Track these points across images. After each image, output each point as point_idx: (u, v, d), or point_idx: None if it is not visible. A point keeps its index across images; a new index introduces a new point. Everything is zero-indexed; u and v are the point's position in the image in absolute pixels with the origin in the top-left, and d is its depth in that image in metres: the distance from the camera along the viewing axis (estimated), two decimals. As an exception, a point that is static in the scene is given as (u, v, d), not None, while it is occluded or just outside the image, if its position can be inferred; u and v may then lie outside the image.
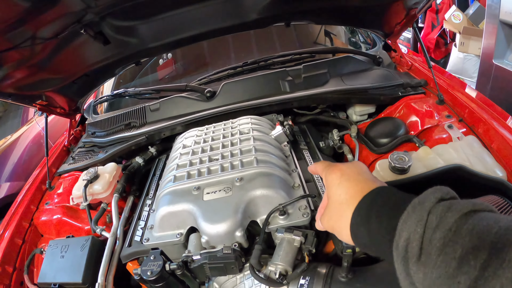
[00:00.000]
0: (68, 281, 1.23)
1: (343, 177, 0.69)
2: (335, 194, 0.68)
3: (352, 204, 0.63)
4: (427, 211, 0.49)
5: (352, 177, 0.68)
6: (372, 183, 0.65)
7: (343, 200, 0.66)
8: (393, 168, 1.24)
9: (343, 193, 0.66)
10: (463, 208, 0.47)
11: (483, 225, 0.43)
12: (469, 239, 0.42)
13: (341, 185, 0.68)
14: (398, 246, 0.50)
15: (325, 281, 0.90)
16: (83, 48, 1.56)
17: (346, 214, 0.63)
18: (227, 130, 1.36)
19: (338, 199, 0.67)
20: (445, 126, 1.42)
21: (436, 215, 0.47)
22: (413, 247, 0.47)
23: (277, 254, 0.94)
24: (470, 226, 0.44)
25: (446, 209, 0.47)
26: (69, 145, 1.96)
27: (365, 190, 0.63)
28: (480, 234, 0.42)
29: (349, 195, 0.65)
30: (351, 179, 0.68)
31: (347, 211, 0.63)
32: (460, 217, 0.46)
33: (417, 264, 0.47)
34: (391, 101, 1.61)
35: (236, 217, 0.98)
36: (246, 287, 0.99)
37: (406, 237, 0.49)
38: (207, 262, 0.95)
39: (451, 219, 0.46)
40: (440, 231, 0.45)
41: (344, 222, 0.64)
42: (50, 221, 1.56)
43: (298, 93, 1.56)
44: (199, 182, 1.10)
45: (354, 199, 0.63)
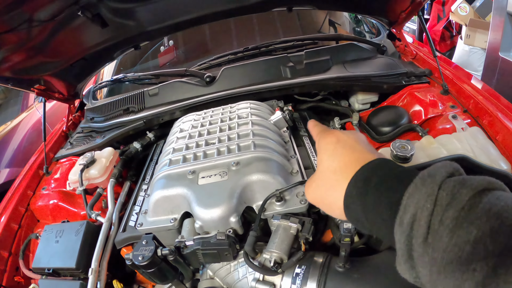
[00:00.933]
0: (62, 266, 1.20)
1: (339, 144, 0.61)
2: (327, 161, 0.61)
3: (347, 173, 0.56)
4: (437, 185, 0.42)
5: (349, 144, 0.61)
6: (370, 154, 0.58)
7: (337, 168, 0.58)
8: (395, 156, 1.19)
9: (336, 161, 0.59)
10: (478, 185, 0.40)
11: (500, 205, 0.37)
12: (486, 220, 0.36)
13: (336, 152, 0.60)
14: (402, 222, 0.43)
15: (322, 270, 0.86)
16: (80, 31, 1.52)
17: (340, 184, 0.56)
18: (225, 114, 1.32)
19: (331, 167, 0.59)
20: (449, 116, 1.37)
21: (447, 191, 0.41)
22: (420, 225, 0.41)
23: (272, 242, 0.90)
24: (487, 206, 0.38)
25: (459, 185, 0.41)
26: (67, 130, 1.93)
27: (363, 161, 0.56)
28: (499, 216, 0.36)
29: (344, 164, 0.58)
30: (347, 147, 0.60)
31: (341, 181, 0.56)
32: (474, 195, 0.39)
33: (423, 245, 0.40)
34: (394, 89, 1.56)
35: (231, 202, 0.94)
36: (240, 274, 0.95)
37: (412, 213, 0.42)
38: (200, 248, 0.91)
39: (465, 196, 0.39)
40: (454, 209, 0.39)
41: (337, 193, 0.56)
42: (46, 206, 1.54)
43: (299, 79, 1.51)
44: (195, 166, 1.06)
45: (350, 168, 0.56)
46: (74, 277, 1.23)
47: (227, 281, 0.99)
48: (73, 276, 1.24)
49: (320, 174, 0.62)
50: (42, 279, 1.26)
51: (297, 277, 0.86)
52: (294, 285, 0.86)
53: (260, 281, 0.88)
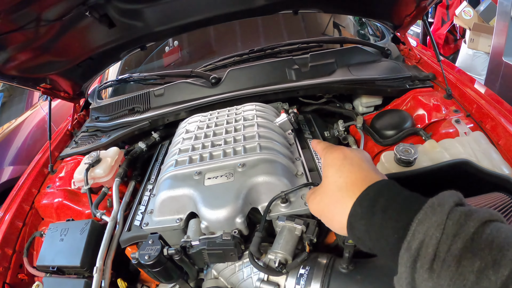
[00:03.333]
0: (67, 264, 1.22)
1: (346, 161, 0.63)
2: (333, 176, 0.62)
3: (353, 192, 0.57)
4: (446, 214, 0.44)
5: (355, 162, 0.62)
6: (375, 174, 0.59)
7: (342, 185, 0.59)
8: (399, 160, 1.20)
9: (343, 177, 0.60)
10: (482, 217, 0.43)
11: (502, 237, 0.40)
12: (488, 252, 0.39)
13: (343, 168, 0.61)
14: (410, 248, 0.44)
15: (325, 271, 0.87)
16: (88, 31, 1.53)
17: (345, 202, 0.57)
18: (231, 116, 1.33)
19: (337, 182, 0.60)
20: (452, 120, 1.39)
21: (454, 221, 0.43)
22: (427, 253, 0.42)
23: (277, 243, 0.91)
24: (490, 238, 0.40)
25: (465, 216, 0.43)
26: (72, 129, 1.94)
27: (369, 180, 0.57)
28: (501, 248, 0.39)
29: (351, 181, 0.59)
30: (355, 164, 0.62)
31: (346, 199, 0.57)
32: (479, 226, 0.42)
33: (429, 272, 0.42)
34: (398, 93, 1.57)
35: (237, 203, 0.96)
36: (244, 275, 0.97)
37: (421, 240, 0.44)
38: (205, 248, 0.93)
39: (471, 228, 0.42)
40: (462, 240, 0.41)
41: (340, 209, 0.57)
42: (51, 205, 1.55)
43: (304, 81, 1.53)
44: (201, 167, 1.07)
45: (357, 187, 0.57)
46: (78, 276, 1.24)
47: (231, 281, 1.00)
48: (78, 275, 1.25)
49: (325, 188, 0.63)
50: (46, 277, 1.27)
51: (301, 278, 0.87)
52: (298, 285, 0.87)
53: (264, 281, 0.90)
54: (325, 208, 0.62)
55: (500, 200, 0.96)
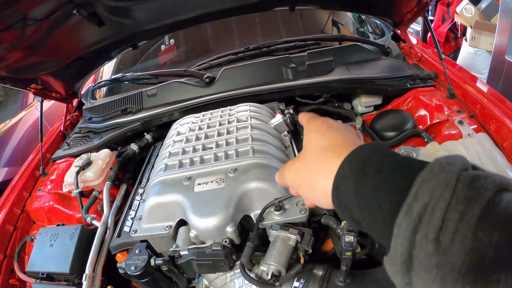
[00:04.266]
0: (56, 271, 1.17)
1: (331, 127, 0.55)
2: (317, 140, 0.53)
3: (340, 152, 0.47)
4: (456, 174, 0.35)
5: (342, 130, 0.54)
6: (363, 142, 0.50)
7: (328, 146, 0.51)
8: (400, 163, 1.14)
9: (329, 141, 0.51)
10: (499, 182, 0.34)
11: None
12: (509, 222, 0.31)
13: (327, 134, 0.53)
14: (411, 212, 0.35)
15: (321, 285, 0.82)
16: (76, 30, 1.47)
17: (330, 163, 0.47)
18: (224, 117, 1.27)
19: (322, 145, 0.51)
20: (455, 121, 1.32)
21: (465, 184, 0.34)
22: (433, 219, 0.33)
23: (270, 253, 0.86)
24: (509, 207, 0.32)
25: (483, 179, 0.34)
26: (65, 130, 1.88)
27: (357, 144, 0.48)
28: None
29: (337, 144, 0.50)
30: (341, 131, 0.53)
31: (332, 159, 0.48)
32: (495, 192, 0.33)
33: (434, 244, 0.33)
34: (399, 92, 1.50)
35: (228, 211, 0.90)
36: (236, 286, 0.91)
37: (425, 202, 0.34)
38: (194, 259, 0.87)
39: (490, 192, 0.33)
40: (479, 206, 0.32)
41: (324, 173, 0.48)
42: (42, 208, 1.50)
43: (301, 80, 1.46)
44: (191, 172, 1.01)
45: (344, 147, 0.48)
46: (68, 282, 1.20)
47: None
48: (67, 281, 1.21)
49: (307, 153, 0.54)
50: (36, 283, 1.23)
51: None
52: (293, 300, 0.81)
53: (257, 295, 0.84)
54: (307, 173, 0.52)
55: None
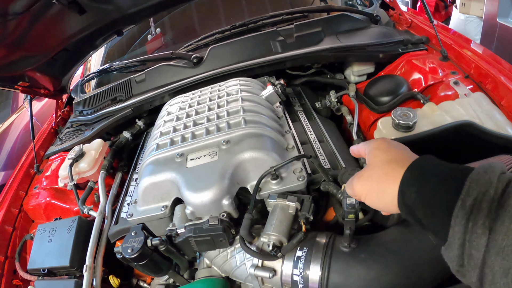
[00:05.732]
0: (56, 265, 1.13)
1: (391, 144, 0.64)
2: (381, 155, 0.62)
3: (403, 163, 0.57)
4: (496, 176, 0.45)
5: (400, 146, 0.64)
6: None
7: (392, 159, 0.59)
8: (397, 125, 1.09)
9: (391, 155, 0.60)
10: None
11: None
12: None
13: (389, 149, 0.62)
14: (465, 205, 0.44)
15: (325, 252, 0.77)
16: (58, 20, 1.41)
17: (395, 172, 0.56)
18: (214, 93, 1.21)
19: (386, 158, 0.60)
20: (451, 82, 1.27)
21: (503, 183, 0.44)
22: (482, 209, 0.43)
23: (269, 224, 0.81)
24: None
25: None
26: (56, 126, 1.83)
27: (415, 156, 0.58)
28: None
29: (399, 157, 0.59)
30: (399, 147, 0.63)
31: (396, 169, 0.56)
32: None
33: (482, 227, 0.42)
34: (390, 58, 1.45)
35: (223, 184, 0.85)
36: (237, 261, 0.87)
37: (475, 197, 0.44)
38: (192, 236, 0.82)
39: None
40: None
41: (390, 180, 0.56)
42: (39, 205, 1.46)
43: (290, 52, 1.40)
44: (183, 149, 0.96)
45: (406, 159, 0.57)
46: (70, 276, 1.16)
47: (224, 269, 0.91)
48: (69, 275, 1.17)
49: (373, 165, 0.62)
50: (38, 280, 1.19)
51: (299, 261, 0.77)
52: (296, 269, 0.77)
53: (259, 267, 0.79)
54: (376, 181, 0.60)
55: (510, 162, 0.85)
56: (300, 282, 0.76)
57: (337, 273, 0.74)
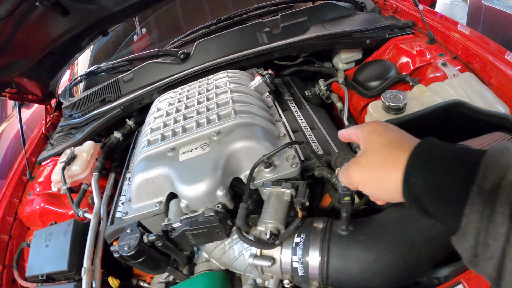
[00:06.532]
0: (54, 270, 1.10)
1: (387, 127, 0.57)
2: (377, 139, 0.56)
3: (402, 147, 0.51)
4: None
5: (396, 129, 0.57)
6: None
7: (390, 143, 0.53)
8: (388, 107, 1.08)
9: (388, 138, 0.55)
10: None
11: None
12: None
13: (386, 132, 0.56)
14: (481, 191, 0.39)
15: (323, 236, 0.75)
16: (43, 23, 1.38)
17: (397, 157, 0.50)
18: (203, 87, 1.19)
19: (384, 143, 0.54)
20: (439, 64, 1.27)
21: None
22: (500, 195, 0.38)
23: (265, 212, 0.79)
24: None
25: None
26: (47, 132, 1.80)
27: (415, 140, 0.52)
28: None
29: (397, 139, 0.54)
30: (396, 130, 0.57)
31: (398, 153, 0.50)
32: None
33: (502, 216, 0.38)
34: (378, 43, 1.44)
35: (216, 175, 0.83)
36: (236, 252, 0.85)
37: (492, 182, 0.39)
38: (188, 229, 0.80)
39: None
40: None
41: (392, 165, 0.51)
42: (34, 212, 1.43)
43: (277, 42, 1.39)
44: (174, 143, 0.94)
45: (406, 142, 0.52)
46: (69, 280, 1.14)
47: (223, 261, 0.89)
48: (68, 279, 1.14)
49: (369, 150, 0.56)
50: (38, 287, 1.16)
51: (297, 247, 0.76)
52: (295, 256, 0.75)
53: (257, 256, 0.77)
54: (375, 168, 0.54)
55: (503, 140, 0.84)
56: (300, 268, 0.74)
57: (336, 257, 0.72)
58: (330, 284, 0.73)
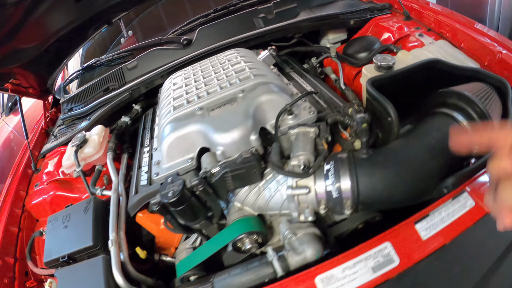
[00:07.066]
0: (77, 248, 1.08)
1: None
2: None
3: None
4: None
5: None
6: None
7: None
8: (379, 67, 1.22)
9: None
10: None
11: None
12: None
13: None
14: None
15: (349, 161, 0.86)
16: (54, 9, 1.39)
17: None
18: (214, 62, 1.29)
19: None
20: (416, 35, 1.45)
21: None
22: None
23: (296, 147, 0.89)
24: None
25: None
26: (46, 127, 1.80)
27: None
28: None
29: None
30: None
31: None
32: None
33: None
34: (360, 23, 1.61)
35: (248, 123, 0.93)
36: (271, 190, 0.92)
37: None
38: (228, 171, 0.87)
39: None
40: None
41: None
42: (44, 201, 1.42)
43: (273, 26, 1.52)
44: (201, 103, 1.03)
45: None
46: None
47: (258, 205, 0.95)
48: (91, 257, 1.09)
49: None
50: (59, 270, 1.09)
51: (328, 173, 0.85)
52: (328, 180, 0.85)
53: (294, 187, 0.86)
54: None
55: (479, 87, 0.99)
56: (334, 190, 0.84)
57: (364, 177, 0.83)
58: (361, 202, 0.83)
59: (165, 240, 1.17)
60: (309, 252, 0.83)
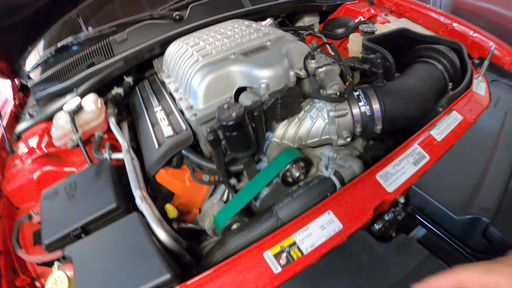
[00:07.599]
0: (96, 215, 0.95)
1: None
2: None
3: None
4: None
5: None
6: None
7: None
8: (365, 33, 1.45)
9: None
10: None
11: None
12: None
13: None
14: None
15: (374, 87, 1.03)
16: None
17: None
18: (219, 27, 1.35)
19: None
20: (382, 15, 1.74)
21: None
22: None
23: (328, 79, 1.01)
24: None
25: None
26: (16, 110, 1.61)
27: None
28: None
29: None
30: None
31: None
32: None
33: None
34: (332, 8, 1.88)
35: (285, 61, 1.03)
36: (313, 118, 1.01)
37: None
38: (279, 97, 0.93)
39: None
40: None
41: None
42: (30, 182, 1.25)
43: (259, 5, 1.66)
44: (233, 50, 1.09)
45: None
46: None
47: (299, 136, 1.02)
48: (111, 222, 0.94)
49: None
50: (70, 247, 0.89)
51: (359, 97, 1.00)
52: (361, 102, 0.99)
53: (334, 110, 0.98)
54: None
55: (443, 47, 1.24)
56: (367, 109, 0.99)
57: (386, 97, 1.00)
58: (387, 118, 0.99)
59: (189, 200, 1.14)
60: (356, 166, 0.95)
